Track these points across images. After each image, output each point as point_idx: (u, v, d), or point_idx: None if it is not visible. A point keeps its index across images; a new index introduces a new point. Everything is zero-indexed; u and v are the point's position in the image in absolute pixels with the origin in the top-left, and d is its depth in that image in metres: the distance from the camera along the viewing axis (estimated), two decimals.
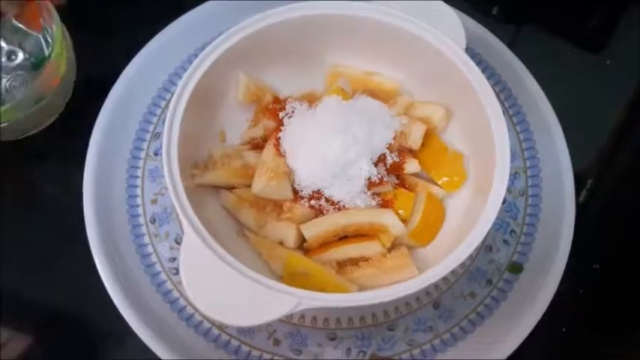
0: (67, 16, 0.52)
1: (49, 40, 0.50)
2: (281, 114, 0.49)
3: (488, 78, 0.46)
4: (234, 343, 0.45)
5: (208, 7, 0.56)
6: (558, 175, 0.50)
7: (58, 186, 0.52)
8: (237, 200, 0.47)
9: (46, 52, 0.50)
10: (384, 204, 0.46)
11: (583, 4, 0.62)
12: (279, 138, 0.47)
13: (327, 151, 0.45)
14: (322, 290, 0.39)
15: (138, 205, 0.49)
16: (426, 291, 0.46)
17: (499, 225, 0.49)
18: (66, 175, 0.51)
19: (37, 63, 0.51)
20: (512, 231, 0.49)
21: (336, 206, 0.45)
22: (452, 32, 0.47)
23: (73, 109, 0.53)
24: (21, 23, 0.51)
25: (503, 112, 0.45)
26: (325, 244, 0.46)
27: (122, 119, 0.51)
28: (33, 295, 0.49)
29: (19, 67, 0.51)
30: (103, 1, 0.60)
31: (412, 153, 0.48)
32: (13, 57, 0.51)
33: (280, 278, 0.44)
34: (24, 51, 0.51)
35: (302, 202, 0.46)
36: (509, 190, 0.50)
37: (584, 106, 0.56)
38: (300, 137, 0.46)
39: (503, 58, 0.54)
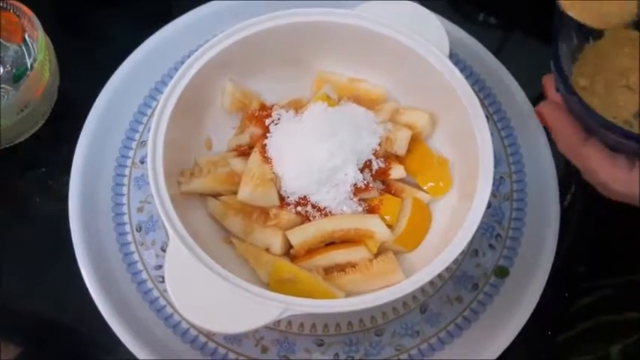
0: (53, 21, 0.52)
1: (31, 49, 0.50)
2: (267, 121, 0.49)
3: (472, 84, 0.47)
4: (222, 350, 0.45)
5: (195, 14, 0.56)
6: (543, 179, 0.51)
7: (44, 194, 0.52)
8: (223, 207, 0.47)
9: (28, 63, 0.50)
10: (370, 210, 0.47)
11: None
12: (265, 145, 0.47)
13: (313, 157, 0.45)
14: (309, 296, 0.39)
15: (124, 213, 0.49)
16: (413, 296, 0.46)
17: (485, 229, 0.49)
18: (52, 183, 0.51)
19: (18, 74, 0.50)
20: (498, 235, 0.49)
21: (323, 212, 0.46)
22: (435, 39, 0.47)
23: (58, 115, 0.52)
24: None
25: (488, 117, 0.45)
26: (312, 250, 0.46)
27: (108, 127, 0.51)
28: (19, 304, 0.48)
29: (0, 80, 0.51)
30: (90, 7, 0.60)
31: (398, 159, 0.49)
32: None
33: (267, 285, 0.44)
34: (3, 64, 0.51)
35: (288, 208, 0.46)
36: (494, 195, 0.50)
37: None
38: (286, 144, 0.46)
39: (488, 64, 0.55)
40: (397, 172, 0.48)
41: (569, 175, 0.51)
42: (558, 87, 0.36)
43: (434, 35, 0.47)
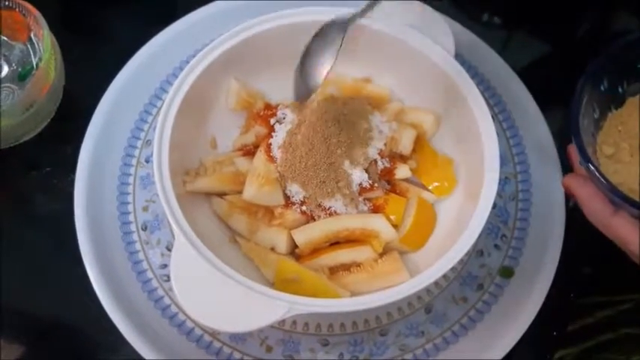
0: (59, 20, 0.52)
1: (37, 48, 0.50)
2: (272, 120, 0.49)
3: (477, 84, 0.47)
4: (226, 350, 0.45)
5: (200, 13, 0.56)
6: (548, 179, 0.51)
7: (49, 193, 0.52)
8: (228, 207, 0.47)
9: (33, 62, 0.50)
10: (376, 209, 0.47)
11: (573, 11, 0.62)
12: (271, 144, 0.47)
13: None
14: (314, 296, 0.39)
15: (129, 212, 0.49)
16: (418, 296, 0.46)
17: (490, 229, 0.49)
18: (57, 183, 0.51)
19: (23, 73, 0.51)
20: (504, 235, 0.49)
21: (328, 212, 0.46)
22: (441, 39, 0.47)
23: (64, 114, 0.53)
24: (5, 36, 0.51)
25: (493, 117, 0.45)
26: (317, 249, 0.46)
27: (114, 126, 0.51)
28: (23, 304, 0.48)
29: (6, 79, 0.51)
30: (95, 6, 0.60)
31: (403, 158, 0.49)
32: None
33: (272, 284, 0.44)
34: (9, 63, 0.51)
35: (293, 207, 0.46)
36: (499, 195, 0.50)
37: None
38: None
39: (493, 64, 0.55)
40: (402, 171, 0.48)
41: None
42: (581, 162, 0.37)
43: (439, 35, 0.47)
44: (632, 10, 0.61)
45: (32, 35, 0.51)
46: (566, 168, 0.51)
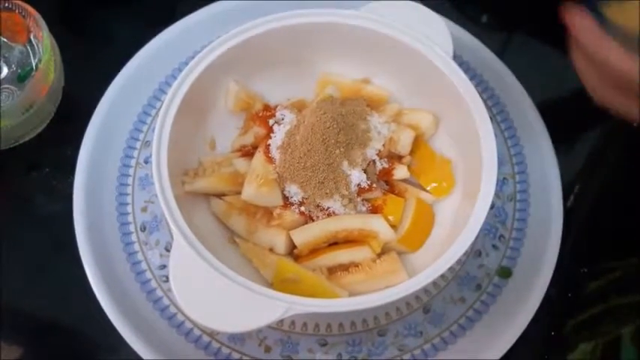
0: (58, 21, 0.52)
1: (37, 49, 0.50)
2: (271, 121, 0.49)
3: (476, 85, 0.47)
4: (225, 350, 0.45)
5: (199, 15, 0.56)
6: (546, 180, 0.51)
7: (48, 194, 0.52)
8: (227, 207, 0.47)
9: (33, 63, 0.51)
10: (374, 210, 0.47)
11: None
12: (269, 145, 0.47)
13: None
14: (312, 296, 0.39)
15: (128, 213, 0.49)
16: (416, 296, 0.46)
17: (488, 230, 0.49)
18: (56, 183, 0.51)
19: (23, 75, 0.51)
20: (501, 236, 0.49)
21: (326, 212, 0.46)
22: (439, 40, 0.47)
23: (63, 116, 0.53)
24: (4, 37, 0.51)
25: (491, 118, 0.46)
26: (315, 250, 0.46)
27: (113, 127, 0.52)
28: (22, 304, 0.48)
29: (5, 80, 0.51)
30: (95, 7, 0.60)
31: (401, 159, 0.49)
32: None
33: (271, 285, 0.44)
34: (9, 64, 0.51)
35: (292, 208, 0.46)
36: (497, 196, 0.50)
37: (571, 112, 0.56)
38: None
39: (492, 65, 0.55)
40: (401, 172, 0.48)
41: (572, 176, 0.51)
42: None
43: (438, 36, 0.48)
44: None
45: (32, 37, 0.51)
46: (566, 169, 0.51)
